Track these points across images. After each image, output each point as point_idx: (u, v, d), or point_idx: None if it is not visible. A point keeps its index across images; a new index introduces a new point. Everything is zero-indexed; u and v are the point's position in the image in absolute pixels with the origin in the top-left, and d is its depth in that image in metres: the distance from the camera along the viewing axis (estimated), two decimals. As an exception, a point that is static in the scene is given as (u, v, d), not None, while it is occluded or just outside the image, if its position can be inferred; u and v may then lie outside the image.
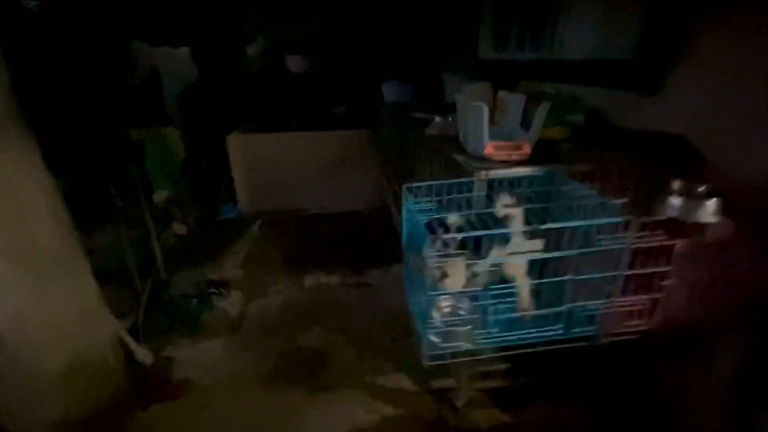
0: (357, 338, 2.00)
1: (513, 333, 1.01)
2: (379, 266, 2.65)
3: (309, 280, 2.51)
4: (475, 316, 1.01)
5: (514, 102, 1.50)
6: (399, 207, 1.48)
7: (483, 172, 1.24)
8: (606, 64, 1.67)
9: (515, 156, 1.29)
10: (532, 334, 1.02)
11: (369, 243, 2.92)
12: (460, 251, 0.92)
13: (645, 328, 1.08)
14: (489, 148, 1.30)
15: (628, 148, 1.30)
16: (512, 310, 1.00)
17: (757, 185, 1.05)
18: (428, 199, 1.22)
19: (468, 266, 0.94)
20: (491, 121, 1.34)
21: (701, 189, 0.97)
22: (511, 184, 1.26)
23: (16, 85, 1.21)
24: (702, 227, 0.95)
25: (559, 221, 0.99)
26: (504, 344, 1.01)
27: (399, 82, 3.08)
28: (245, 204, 3.31)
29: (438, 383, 1.80)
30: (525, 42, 2.25)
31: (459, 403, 1.66)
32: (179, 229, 2.94)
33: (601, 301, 1.01)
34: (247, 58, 3.47)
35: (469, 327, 0.99)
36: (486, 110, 1.26)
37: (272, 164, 3.24)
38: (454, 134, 1.68)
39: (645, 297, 1.04)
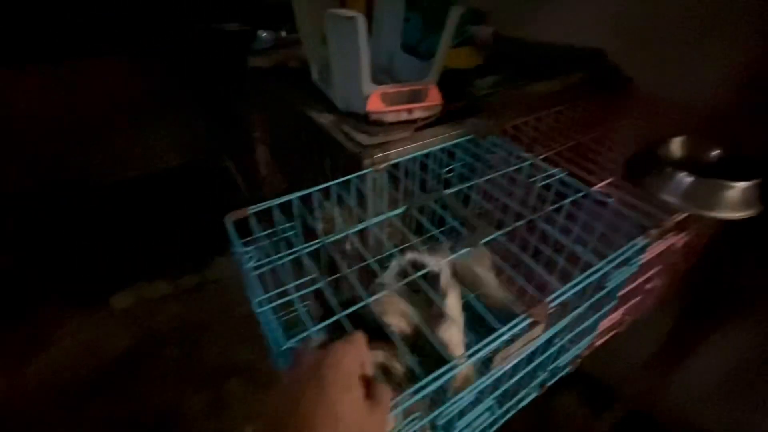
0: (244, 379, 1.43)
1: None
2: (224, 250, 1.95)
3: (120, 301, 1.70)
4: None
5: (387, 5, 0.91)
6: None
7: (380, 154, 0.69)
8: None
9: (418, 112, 0.76)
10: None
11: (198, 216, 2.13)
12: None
13: (615, 333, 0.83)
14: (374, 101, 0.74)
15: (560, 74, 0.91)
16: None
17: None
18: (290, 224, 0.64)
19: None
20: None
21: (715, 153, 0.64)
22: (423, 168, 0.75)
23: None
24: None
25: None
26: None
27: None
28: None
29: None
30: None
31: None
32: None
33: (588, 336, 0.68)
34: None
35: None
36: (364, 24, 0.66)
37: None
38: (298, 65, 1.04)
39: (626, 306, 0.76)
